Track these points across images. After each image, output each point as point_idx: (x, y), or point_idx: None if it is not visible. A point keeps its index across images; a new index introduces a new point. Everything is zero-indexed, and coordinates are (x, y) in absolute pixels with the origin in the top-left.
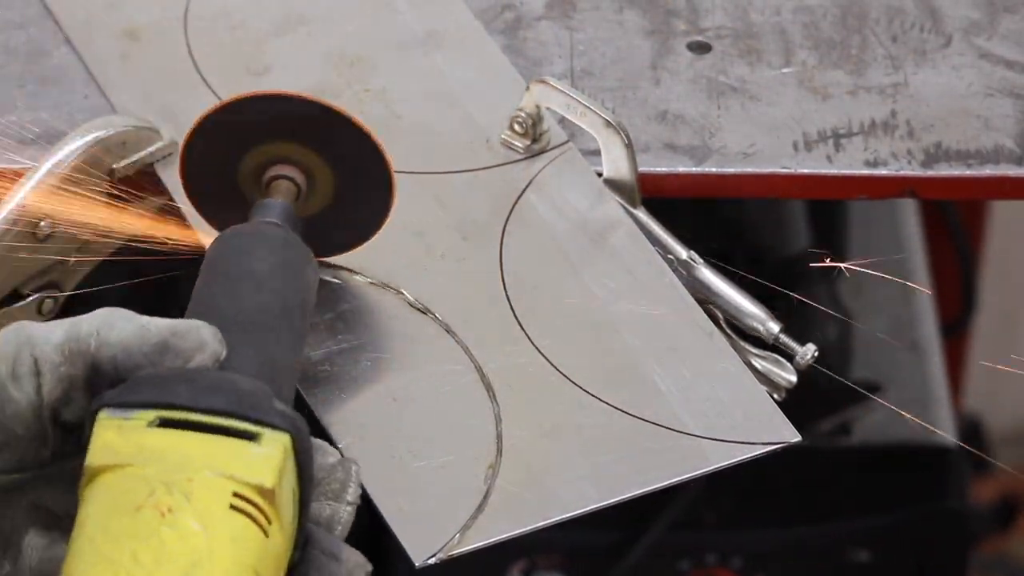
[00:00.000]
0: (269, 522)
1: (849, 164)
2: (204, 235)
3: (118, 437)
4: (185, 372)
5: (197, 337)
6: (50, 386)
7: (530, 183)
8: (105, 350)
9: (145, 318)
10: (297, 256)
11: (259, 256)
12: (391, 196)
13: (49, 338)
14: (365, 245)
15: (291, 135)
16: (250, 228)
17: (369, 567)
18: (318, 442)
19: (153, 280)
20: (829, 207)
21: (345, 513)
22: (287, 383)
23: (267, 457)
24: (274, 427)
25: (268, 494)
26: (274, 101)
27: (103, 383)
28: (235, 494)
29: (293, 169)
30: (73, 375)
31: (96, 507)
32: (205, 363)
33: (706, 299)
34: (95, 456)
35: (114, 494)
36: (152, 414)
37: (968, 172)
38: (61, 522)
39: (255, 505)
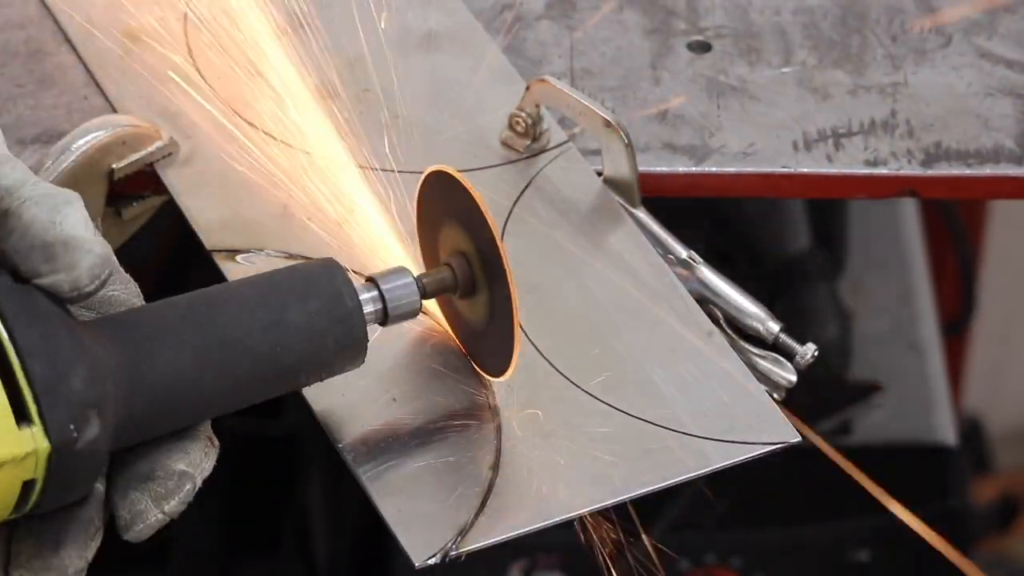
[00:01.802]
0: None
1: (849, 164)
2: (205, 237)
3: None
4: (65, 326)
5: (73, 259)
6: None
7: (530, 183)
8: (13, 219)
9: (67, 216)
10: (345, 335)
11: (308, 309)
12: (508, 365)
13: (3, 176)
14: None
15: (481, 246)
16: (337, 281)
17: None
18: (183, 446)
19: (152, 281)
20: (829, 207)
21: (152, 517)
22: (179, 410)
23: (7, 443)
24: (47, 432)
25: None
26: (481, 216)
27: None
28: None
29: (465, 267)
30: None
31: None
32: (61, 287)
33: (706, 299)
34: None
35: None
36: None
37: (968, 172)
38: None
39: None
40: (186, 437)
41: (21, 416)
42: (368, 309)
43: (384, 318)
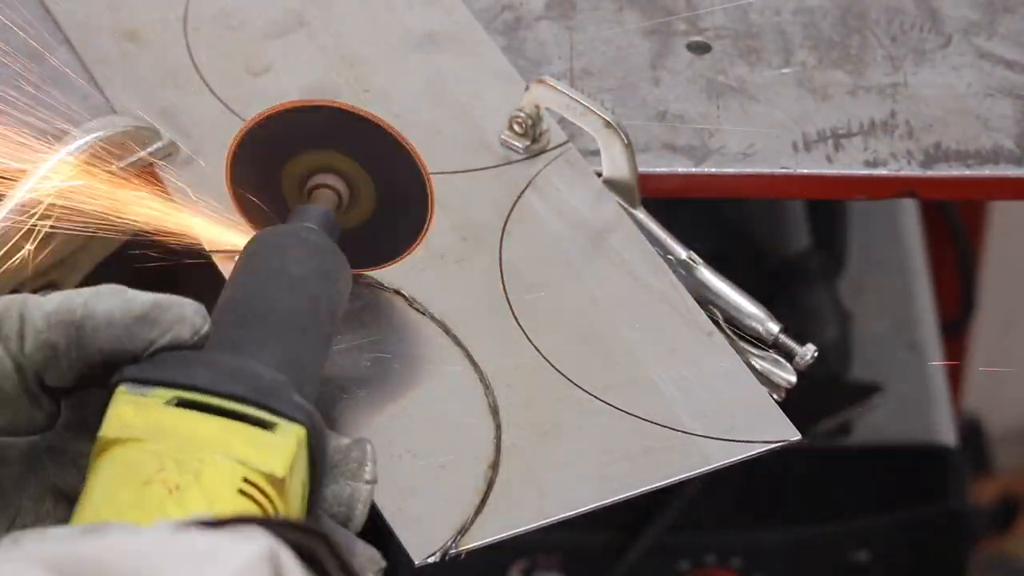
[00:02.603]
0: (276, 510)
1: (849, 164)
2: (203, 238)
3: (134, 412)
4: (205, 356)
5: (179, 311)
6: (31, 349)
7: (530, 183)
8: (89, 321)
9: (133, 292)
10: (333, 263)
11: (294, 258)
12: (428, 214)
13: (42, 305)
14: (400, 262)
15: (335, 145)
16: (288, 230)
17: (383, 563)
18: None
19: (152, 281)
20: (829, 207)
21: (364, 491)
22: (310, 381)
23: (280, 447)
24: (291, 418)
25: (278, 483)
26: (319, 110)
27: (91, 353)
28: (245, 479)
29: (336, 179)
30: (55, 342)
31: (105, 477)
32: (183, 335)
33: (706, 299)
34: (109, 428)
35: (124, 467)
36: (170, 393)
37: (968, 172)
38: (70, 500)
39: (263, 492)
40: None
41: (263, 428)
42: None
43: None
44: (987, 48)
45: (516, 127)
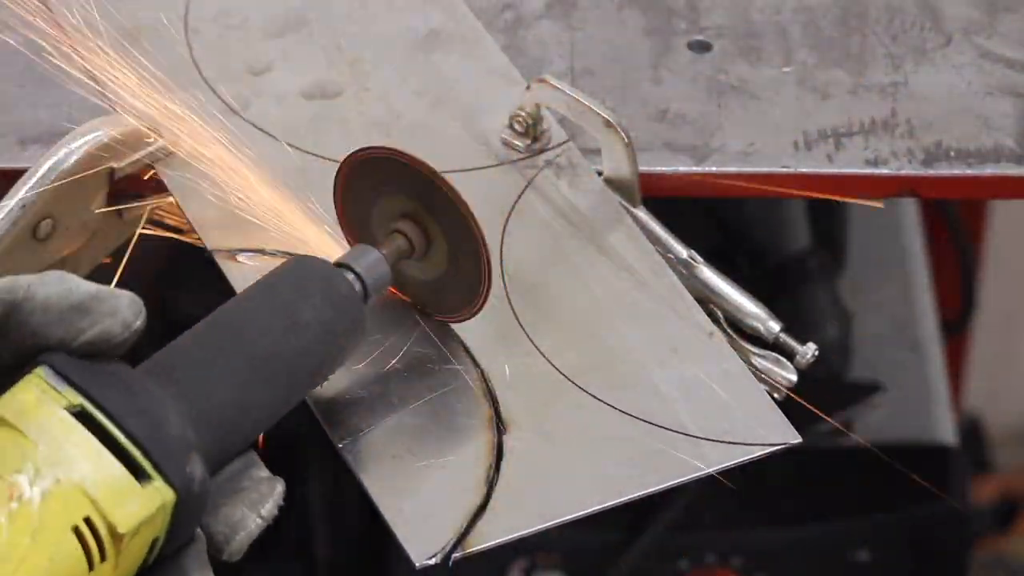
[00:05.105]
0: (103, 559)
1: (849, 163)
2: (206, 237)
3: (35, 402)
4: (133, 376)
5: (113, 304)
6: None
7: (530, 183)
8: (27, 304)
9: (77, 281)
10: (348, 320)
11: (312, 303)
12: (481, 298)
13: None
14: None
15: (420, 199)
16: (325, 270)
17: None
18: (251, 459)
19: (153, 282)
20: (829, 207)
21: (253, 523)
22: (239, 435)
23: (141, 503)
24: (168, 481)
25: (117, 537)
26: (411, 167)
27: (23, 335)
28: (86, 519)
29: (414, 228)
30: None
31: None
32: (113, 329)
33: (706, 298)
34: (4, 406)
35: None
36: (78, 399)
37: (968, 171)
38: None
39: (98, 539)
40: (247, 453)
41: (137, 476)
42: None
43: (365, 296)
44: (988, 47)
45: (517, 126)
